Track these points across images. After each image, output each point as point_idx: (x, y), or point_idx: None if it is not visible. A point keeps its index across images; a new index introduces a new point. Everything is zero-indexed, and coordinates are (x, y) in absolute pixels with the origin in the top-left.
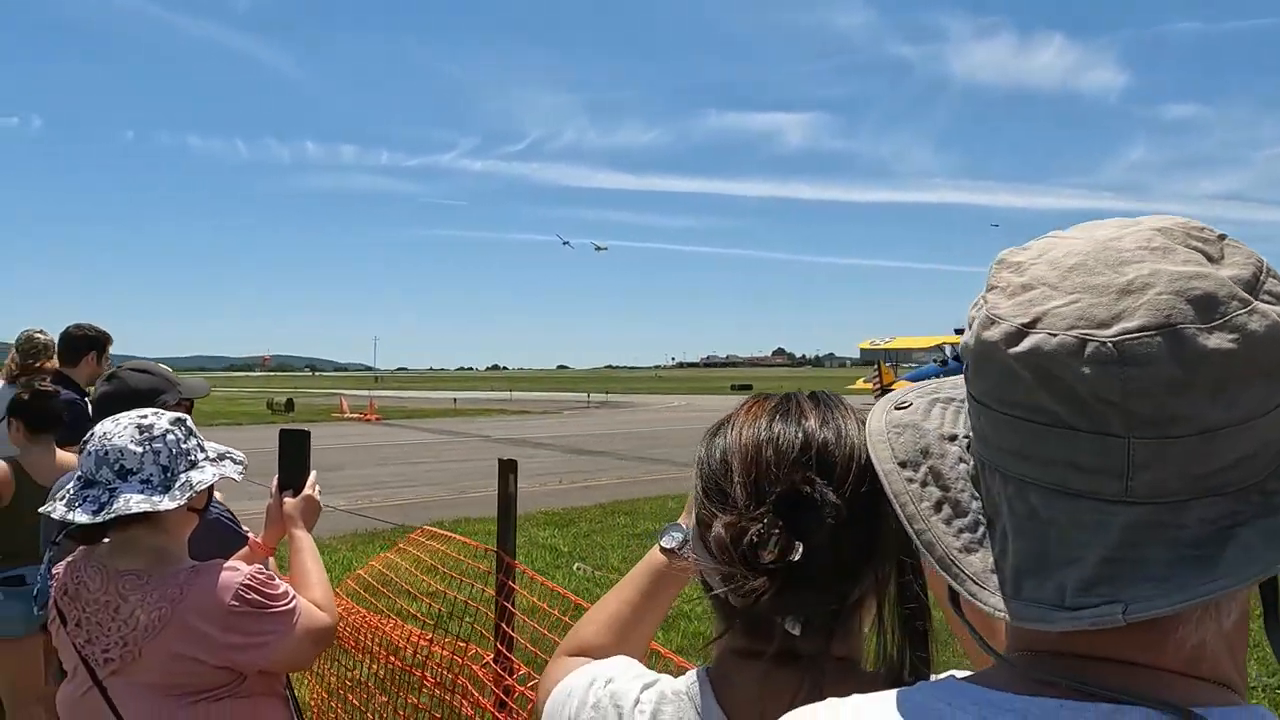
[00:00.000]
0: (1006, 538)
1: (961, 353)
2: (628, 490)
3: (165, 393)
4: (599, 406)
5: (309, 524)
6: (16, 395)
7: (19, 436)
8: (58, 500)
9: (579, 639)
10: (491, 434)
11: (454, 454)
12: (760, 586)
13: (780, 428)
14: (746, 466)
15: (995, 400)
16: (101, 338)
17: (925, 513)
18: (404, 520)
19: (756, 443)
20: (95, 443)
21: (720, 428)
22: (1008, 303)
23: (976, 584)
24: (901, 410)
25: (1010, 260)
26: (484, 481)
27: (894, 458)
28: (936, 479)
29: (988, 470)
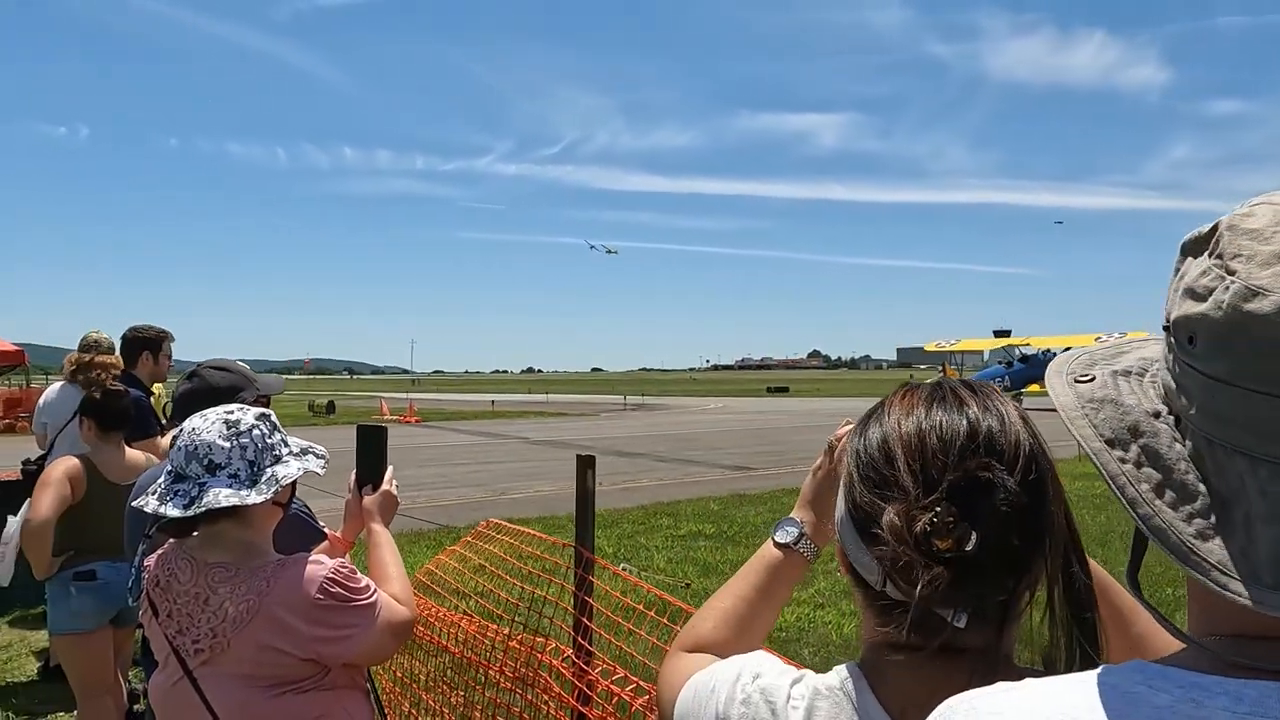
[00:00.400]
0: (1253, 524)
1: (1180, 326)
2: (668, 492)
3: (243, 390)
4: (635, 409)
5: (387, 519)
6: (89, 395)
7: (90, 435)
8: (149, 494)
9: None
10: (530, 436)
11: (494, 455)
12: (939, 576)
13: (942, 414)
14: (912, 454)
15: (1248, 378)
16: (157, 337)
17: (1148, 496)
18: (449, 521)
19: (920, 430)
20: (185, 438)
21: (874, 416)
22: (1266, 272)
23: (1223, 573)
24: (1087, 383)
25: (1245, 227)
26: (524, 483)
27: (1099, 435)
28: (1153, 460)
29: (1223, 452)
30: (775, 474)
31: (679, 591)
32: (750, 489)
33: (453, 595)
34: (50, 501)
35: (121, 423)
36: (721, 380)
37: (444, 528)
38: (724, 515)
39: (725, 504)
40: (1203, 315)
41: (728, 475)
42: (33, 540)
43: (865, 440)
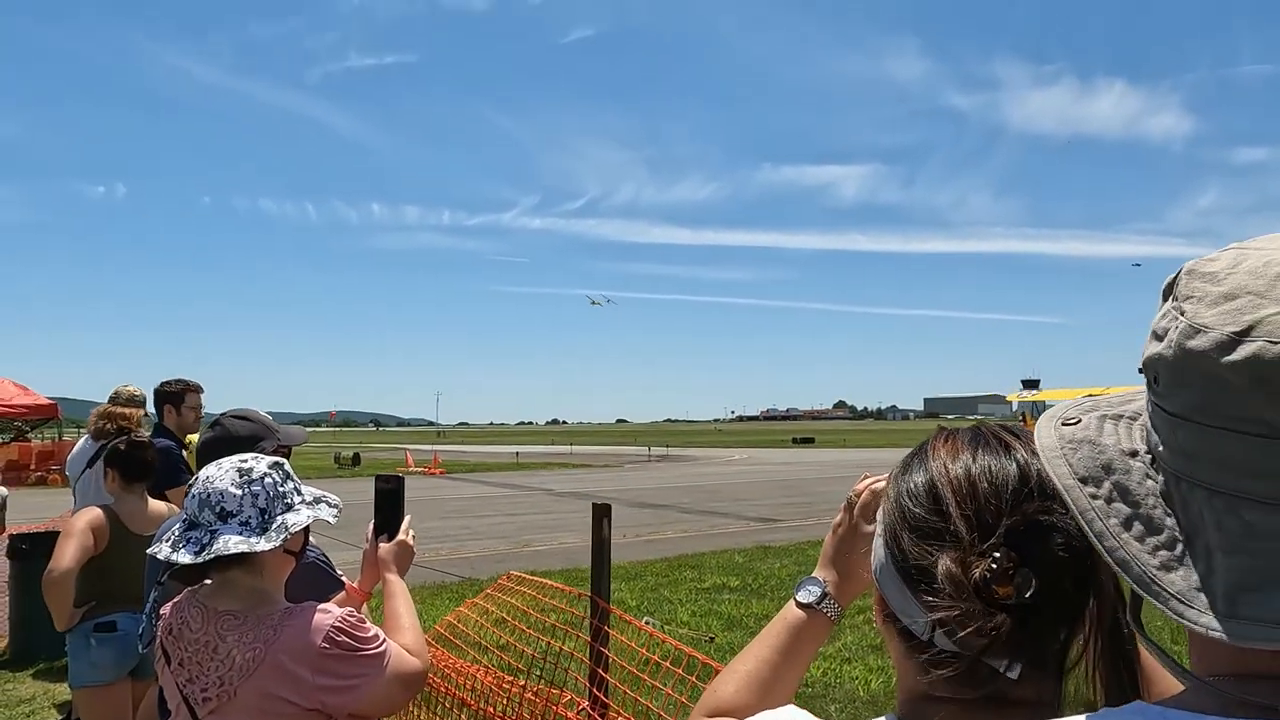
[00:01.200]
0: (1212, 555)
1: (1148, 366)
2: (692, 544)
3: (264, 439)
4: (659, 460)
5: (402, 569)
6: (114, 445)
7: (114, 485)
8: (163, 541)
9: (718, 699)
10: (554, 488)
11: (518, 507)
12: (1001, 624)
13: (989, 459)
14: (963, 499)
15: (1201, 413)
16: (179, 391)
17: (1115, 529)
18: (471, 573)
19: (969, 474)
20: (199, 486)
21: (914, 462)
22: (1211, 312)
23: (1181, 602)
24: (1071, 426)
25: (1201, 270)
26: (548, 534)
27: (1073, 473)
28: (1123, 495)
29: (1185, 486)
30: (801, 526)
31: (703, 645)
32: (775, 541)
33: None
34: (72, 552)
35: (145, 474)
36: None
37: (466, 580)
38: (749, 568)
39: (750, 556)
40: (1159, 355)
41: (752, 527)
42: (54, 591)
43: (910, 485)
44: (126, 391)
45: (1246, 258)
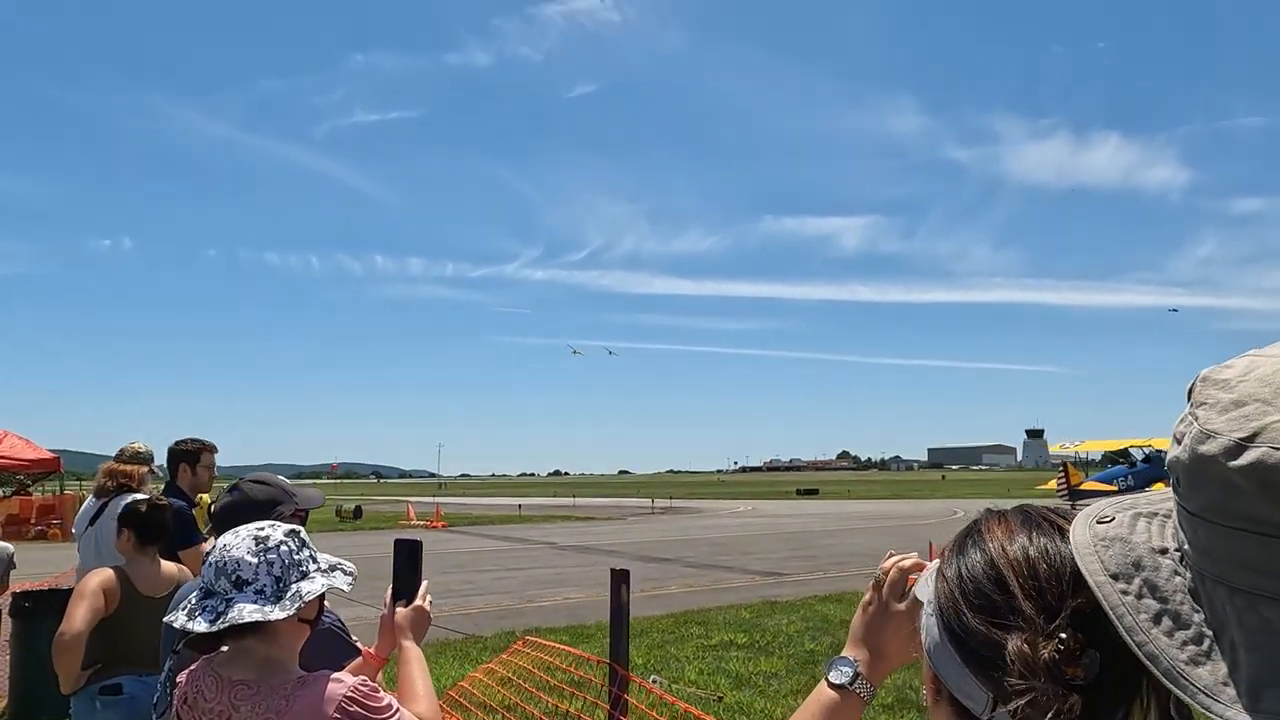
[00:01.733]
0: (1237, 650)
1: (1169, 468)
2: (698, 599)
3: (282, 503)
4: (663, 512)
5: (418, 636)
6: (132, 506)
7: (127, 546)
8: (179, 609)
9: None
10: (557, 541)
11: (521, 561)
12: (1075, 705)
13: (1045, 541)
14: (1024, 579)
15: (1215, 514)
16: (194, 450)
17: (1144, 624)
18: (475, 630)
19: (1028, 556)
20: (216, 554)
21: (969, 543)
22: (1221, 418)
23: (1208, 696)
24: (1105, 524)
25: (1215, 378)
26: (552, 589)
27: (1104, 570)
28: (1153, 591)
29: (1209, 583)
30: (808, 580)
31: (711, 705)
32: (782, 596)
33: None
34: (84, 614)
35: (160, 536)
36: (750, 482)
37: (470, 637)
38: (756, 624)
39: (757, 612)
40: (1177, 458)
41: (758, 581)
42: (64, 653)
43: (968, 565)
44: (131, 449)
45: (1259, 365)
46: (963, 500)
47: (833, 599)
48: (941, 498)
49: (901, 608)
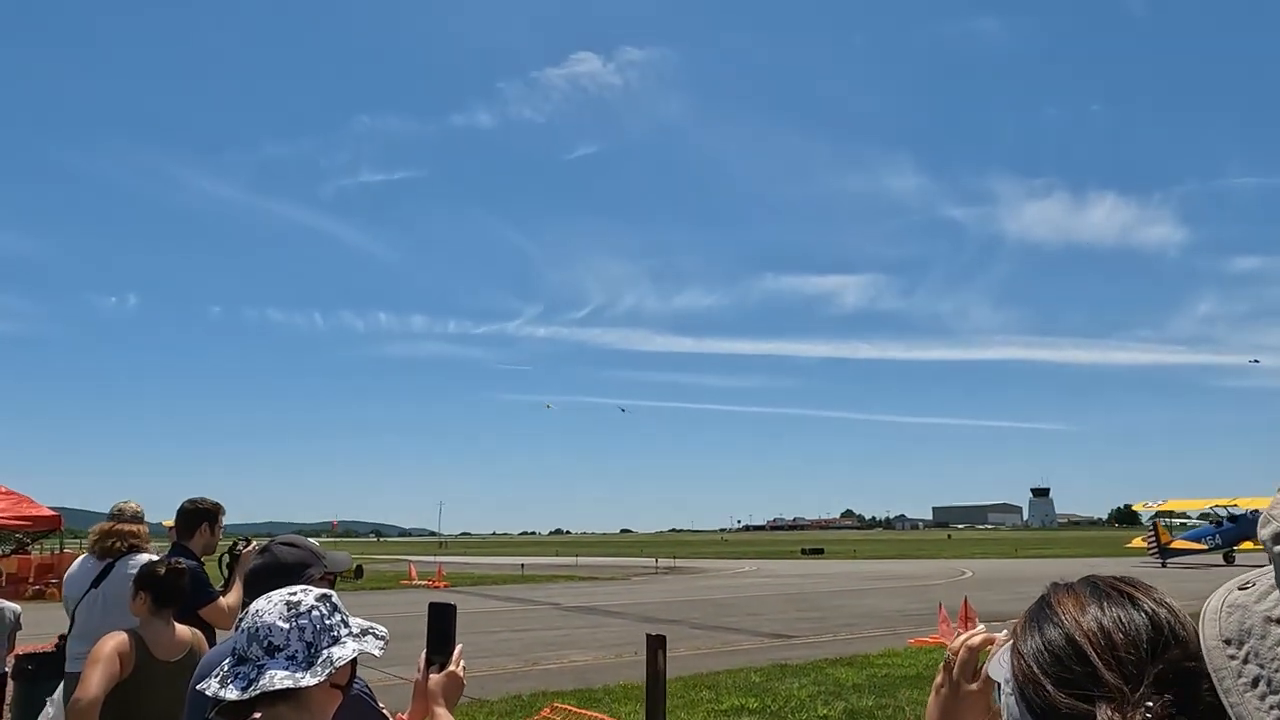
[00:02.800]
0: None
1: (1273, 541)
2: (706, 662)
3: (311, 566)
4: (667, 572)
5: (451, 701)
6: (151, 568)
7: (142, 609)
8: (212, 677)
9: None
10: (561, 601)
11: (525, 623)
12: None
13: (1117, 610)
14: (1103, 651)
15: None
16: (214, 509)
17: (1242, 687)
18: (480, 693)
19: (1102, 627)
20: (249, 620)
21: (1041, 616)
22: None
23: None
24: (1242, 591)
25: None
26: (557, 652)
27: (1220, 635)
28: (1255, 657)
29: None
30: (818, 642)
31: None
32: (792, 659)
33: None
34: (100, 680)
35: (176, 600)
36: (753, 541)
37: (476, 700)
38: (766, 688)
39: (767, 675)
40: (1275, 533)
41: (767, 644)
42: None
43: (1046, 641)
44: (130, 508)
45: None
46: (970, 560)
47: (844, 662)
48: (948, 557)
49: (974, 688)
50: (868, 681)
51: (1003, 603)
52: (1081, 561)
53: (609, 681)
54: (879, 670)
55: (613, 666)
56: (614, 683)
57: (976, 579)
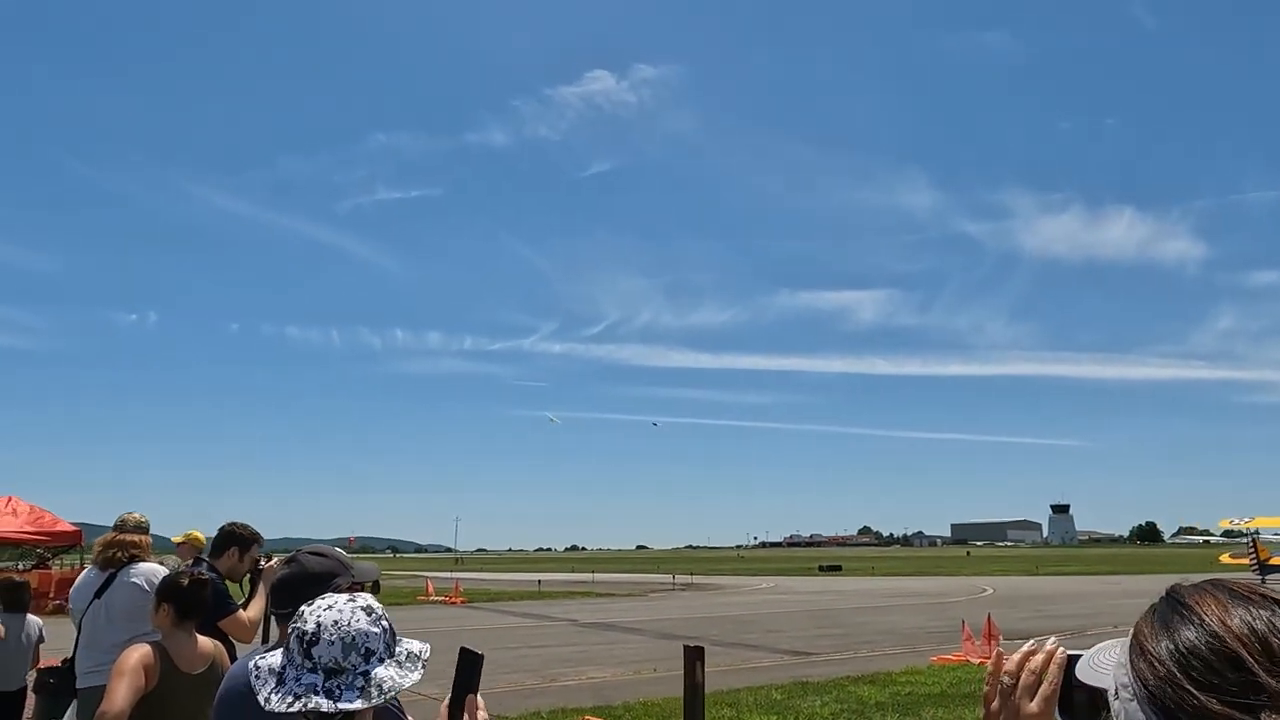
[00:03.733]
0: None
1: None
2: (726, 679)
3: (339, 575)
4: (684, 588)
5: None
6: (175, 579)
7: (165, 621)
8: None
9: None
10: (578, 618)
11: (542, 639)
12: None
13: (1266, 614)
14: (1259, 656)
15: None
16: (250, 537)
17: None
18: (499, 710)
19: (1254, 630)
20: (333, 631)
21: (1176, 620)
22: None
23: None
24: None
25: None
26: (575, 668)
27: None
28: None
29: None
30: (839, 660)
31: None
32: (813, 676)
33: None
34: (126, 692)
35: (198, 611)
36: (770, 558)
37: (495, 717)
38: (788, 705)
39: (788, 693)
40: None
41: (787, 661)
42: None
43: (1186, 643)
44: (134, 519)
45: None
46: (990, 578)
47: (866, 680)
48: (968, 574)
49: (1035, 710)
50: (891, 699)
51: (1026, 620)
52: (1106, 579)
53: (629, 698)
54: (902, 688)
55: (632, 683)
56: (634, 699)
57: (998, 596)
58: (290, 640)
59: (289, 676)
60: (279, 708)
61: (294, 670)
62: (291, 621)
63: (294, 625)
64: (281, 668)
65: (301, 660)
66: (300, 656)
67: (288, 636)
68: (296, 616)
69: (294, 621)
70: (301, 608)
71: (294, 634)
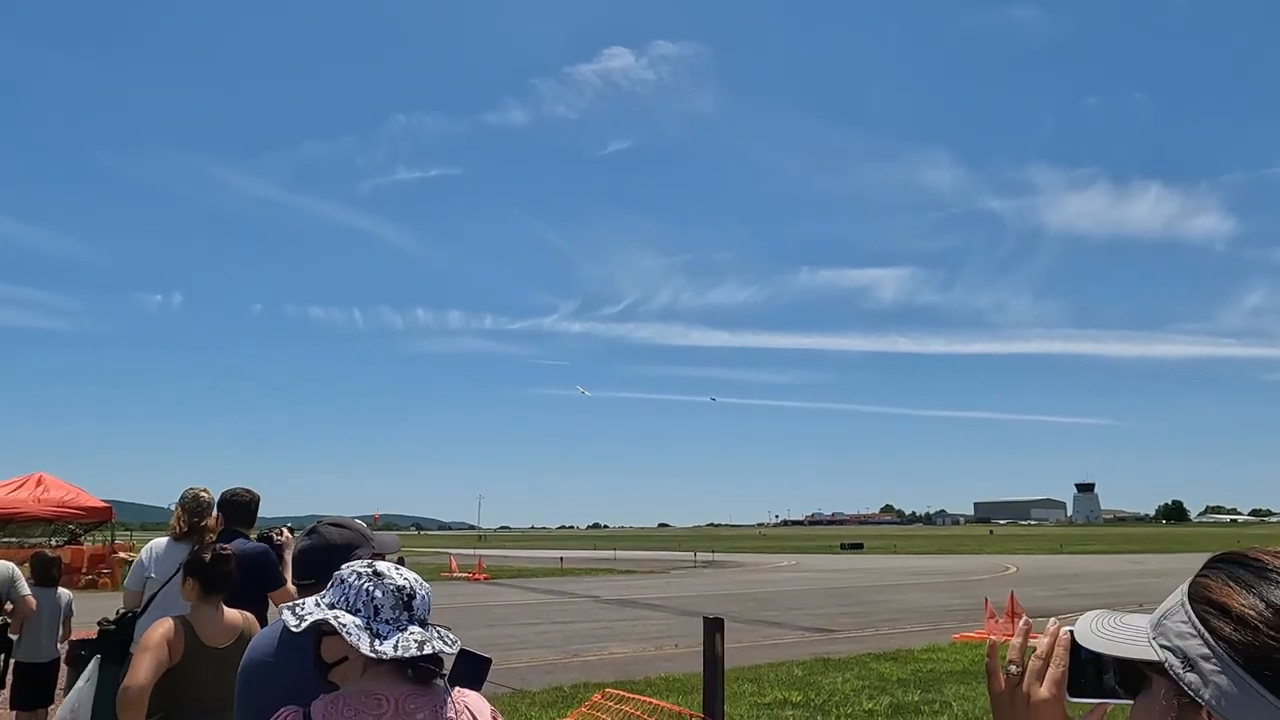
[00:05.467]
0: None
1: None
2: (748, 656)
3: (360, 547)
4: (706, 566)
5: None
6: (197, 556)
7: (192, 594)
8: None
9: None
10: (600, 594)
11: (564, 615)
12: None
13: None
14: None
15: None
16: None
17: None
18: (521, 684)
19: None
20: (422, 588)
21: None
22: None
23: None
24: None
25: None
26: (597, 644)
27: None
28: None
29: None
30: (859, 637)
31: None
32: (834, 653)
33: None
34: (149, 667)
35: (223, 587)
36: (791, 536)
37: (517, 691)
38: (809, 681)
39: (809, 669)
40: None
41: (808, 638)
42: (129, 709)
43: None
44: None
45: None
46: (1014, 556)
47: (888, 657)
48: (991, 553)
49: (1046, 695)
50: (912, 676)
51: (1050, 599)
52: (1131, 558)
53: (650, 674)
54: (924, 665)
55: (654, 659)
56: (655, 674)
57: (1021, 575)
58: (375, 596)
59: (385, 630)
60: (401, 654)
61: (389, 624)
62: (365, 579)
63: (379, 583)
64: (366, 621)
65: (399, 614)
66: (399, 610)
67: (361, 594)
68: (374, 575)
69: (374, 580)
70: (373, 566)
71: (385, 590)
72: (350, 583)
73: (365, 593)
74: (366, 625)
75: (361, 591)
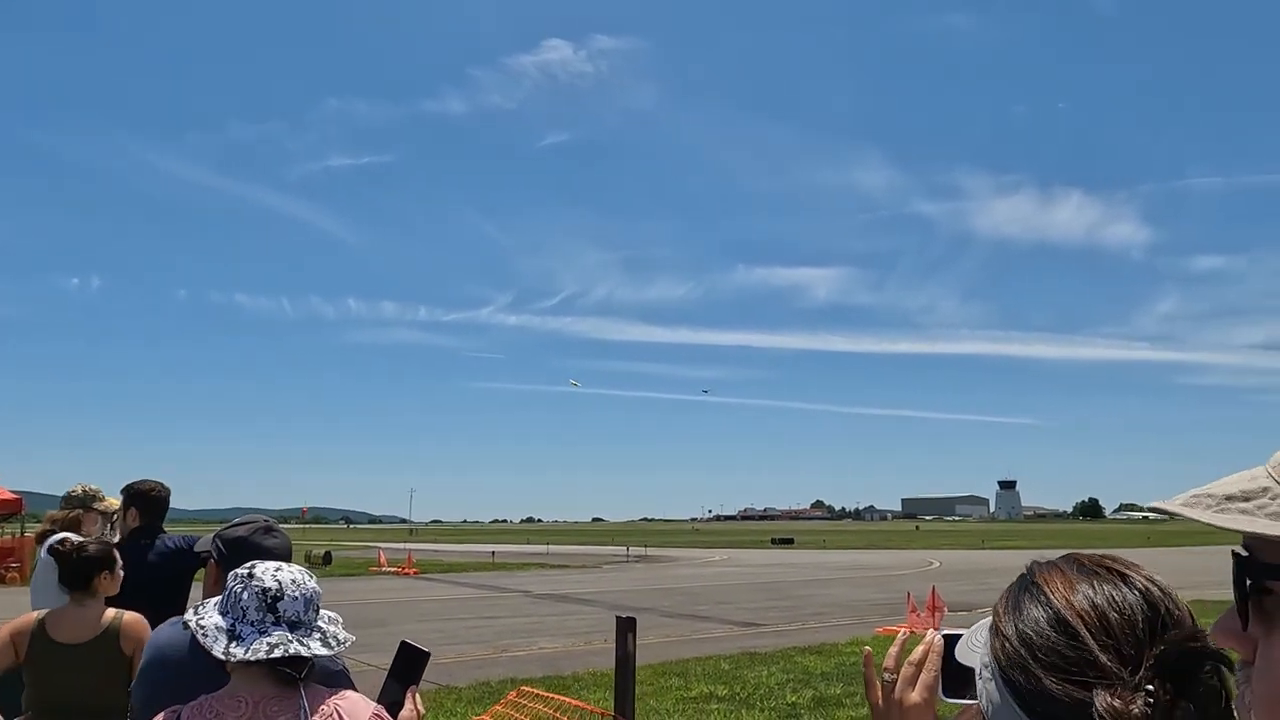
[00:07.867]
0: None
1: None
2: (676, 650)
3: None
4: (638, 560)
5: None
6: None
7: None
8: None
9: None
10: (532, 589)
11: (495, 610)
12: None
13: (1109, 589)
14: (1097, 632)
15: None
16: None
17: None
18: (449, 680)
19: (1094, 606)
20: (294, 589)
21: (1026, 598)
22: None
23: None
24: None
25: None
26: (527, 639)
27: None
28: None
29: None
30: (786, 631)
31: None
32: (761, 647)
33: None
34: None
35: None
36: (724, 531)
37: (445, 687)
38: (735, 675)
39: (736, 663)
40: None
41: (736, 632)
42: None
43: (1031, 622)
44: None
45: None
46: (938, 551)
47: (813, 650)
48: (917, 548)
49: (917, 700)
50: (836, 669)
51: (969, 593)
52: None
53: (579, 669)
54: (847, 658)
55: (583, 654)
56: (583, 670)
57: (944, 569)
58: (242, 599)
59: (247, 632)
60: (249, 658)
61: (253, 626)
62: (238, 581)
63: (249, 585)
64: (231, 625)
65: (263, 616)
66: (263, 612)
67: (232, 596)
68: (246, 577)
69: (245, 582)
70: (252, 568)
71: (251, 592)
72: (228, 585)
73: (235, 595)
74: (230, 628)
75: (232, 594)
